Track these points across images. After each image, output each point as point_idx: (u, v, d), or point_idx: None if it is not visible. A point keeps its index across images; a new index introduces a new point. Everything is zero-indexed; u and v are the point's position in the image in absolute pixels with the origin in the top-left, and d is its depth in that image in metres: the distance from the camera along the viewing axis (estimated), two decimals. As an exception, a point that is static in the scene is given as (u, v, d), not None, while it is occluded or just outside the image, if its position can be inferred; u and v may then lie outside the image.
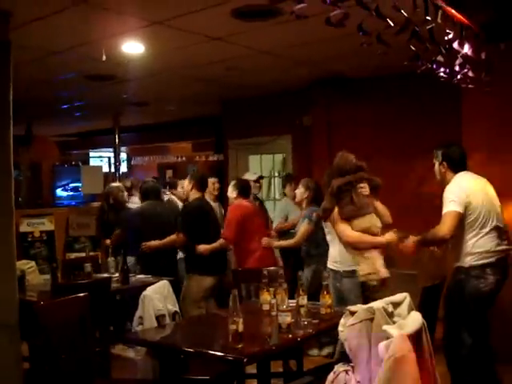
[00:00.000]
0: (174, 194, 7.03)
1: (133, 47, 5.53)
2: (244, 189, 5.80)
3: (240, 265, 5.63)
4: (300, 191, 5.76)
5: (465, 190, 4.09)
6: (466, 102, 5.30)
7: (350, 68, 6.74)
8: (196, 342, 3.39)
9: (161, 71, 6.71)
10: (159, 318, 3.77)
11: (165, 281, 4.15)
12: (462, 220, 4.04)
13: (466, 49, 3.37)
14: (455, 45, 3.24)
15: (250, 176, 6.89)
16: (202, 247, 5.44)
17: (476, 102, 5.14)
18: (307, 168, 7.58)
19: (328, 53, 5.96)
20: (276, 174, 9.33)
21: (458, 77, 3.52)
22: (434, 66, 3.27)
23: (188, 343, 3.30)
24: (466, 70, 3.51)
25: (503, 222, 4.22)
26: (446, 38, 3.17)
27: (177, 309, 3.99)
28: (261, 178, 7.18)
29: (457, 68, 3.42)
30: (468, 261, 4.09)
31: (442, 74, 3.40)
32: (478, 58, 3.57)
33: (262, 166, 9.23)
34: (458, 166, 4.28)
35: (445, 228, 4.01)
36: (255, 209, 5.89)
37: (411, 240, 4.16)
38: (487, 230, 4.09)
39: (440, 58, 3.22)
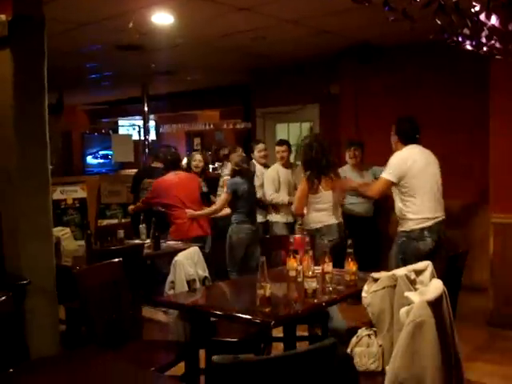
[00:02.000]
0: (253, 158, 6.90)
1: (162, 18, 5.60)
2: (169, 162, 6.29)
3: (169, 232, 6.06)
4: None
5: (406, 162, 4.70)
6: (494, 73, 5.28)
7: (377, 37, 6.70)
8: (225, 305, 3.55)
9: (189, 41, 6.78)
10: (190, 283, 3.92)
11: (196, 247, 4.29)
12: (399, 188, 4.75)
13: (493, 20, 3.37)
14: (482, 17, 3.24)
15: None
16: (130, 207, 6.89)
17: (504, 71, 5.11)
18: (334, 136, 7.63)
19: (355, 22, 5.95)
20: (303, 143, 9.36)
21: (485, 48, 3.52)
22: (460, 39, 3.29)
23: (218, 306, 3.45)
24: (492, 42, 3.51)
25: (441, 194, 4.86)
26: (472, 10, 3.18)
27: (207, 274, 4.14)
28: None
29: (483, 40, 3.42)
30: (410, 225, 4.71)
31: (468, 47, 3.41)
32: (506, 29, 3.55)
33: (290, 134, 9.29)
34: (407, 138, 4.83)
35: (375, 190, 4.95)
36: (181, 181, 6.18)
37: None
38: (426, 198, 4.71)
39: (466, 31, 3.23)
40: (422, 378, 2.39)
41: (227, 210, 6.18)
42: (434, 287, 2.74)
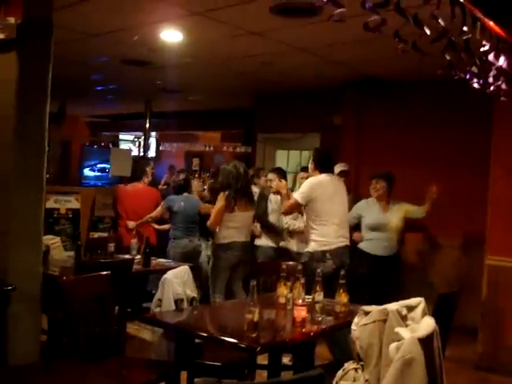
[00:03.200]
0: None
1: (171, 35, 5.61)
2: (133, 173, 7.40)
3: None
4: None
5: (316, 188, 5.04)
6: (497, 113, 5.28)
7: (383, 70, 6.75)
8: (212, 327, 3.48)
9: (197, 61, 6.79)
10: (177, 302, 3.85)
11: (185, 266, 4.24)
12: (308, 211, 5.10)
13: (502, 61, 3.38)
14: (491, 57, 3.25)
15: (336, 168, 6.18)
16: None
17: (508, 114, 5.12)
18: (333, 167, 7.62)
19: (363, 54, 5.99)
20: (301, 171, 9.36)
21: (491, 88, 3.53)
22: (468, 76, 3.29)
23: (204, 328, 3.38)
24: (499, 83, 3.52)
25: (347, 221, 5.31)
26: (481, 49, 3.19)
27: (195, 295, 4.07)
28: (343, 172, 6.38)
29: (490, 80, 3.43)
30: (313, 246, 5.01)
31: (475, 85, 3.41)
32: (513, 71, 3.56)
33: (289, 161, 9.29)
34: (322, 166, 5.18)
35: (285, 207, 5.22)
36: (134, 193, 6.84)
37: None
38: (330, 223, 5.01)
39: (474, 69, 3.23)
40: (408, 417, 2.33)
41: (165, 226, 6.70)
42: (426, 324, 2.68)
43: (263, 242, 6.34)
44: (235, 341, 2.97)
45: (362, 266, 5.78)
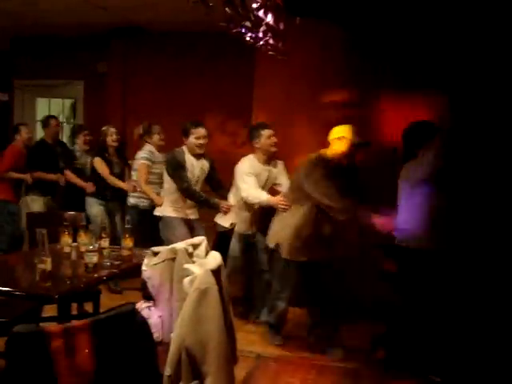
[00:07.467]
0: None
1: None
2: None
3: None
4: None
5: None
6: (258, 67, 5.70)
7: (148, 19, 6.78)
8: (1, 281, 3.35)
9: None
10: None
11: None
12: None
13: (269, 18, 3.71)
14: (261, 13, 3.55)
15: None
16: None
17: (268, 68, 5.54)
18: (100, 116, 7.52)
19: (129, 1, 5.96)
20: (64, 120, 9.06)
21: (261, 43, 3.85)
22: (243, 30, 3.55)
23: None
24: (267, 38, 3.85)
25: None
26: (253, 5, 3.46)
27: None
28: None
29: (260, 35, 3.74)
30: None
31: (248, 39, 3.69)
32: (278, 27, 3.92)
33: (51, 110, 8.90)
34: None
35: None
36: None
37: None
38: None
39: (248, 24, 3.50)
40: (206, 342, 2.58)
41: None
42: (213, 258, 2.96)
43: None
44: (30, 292, 2.93)
45: None
